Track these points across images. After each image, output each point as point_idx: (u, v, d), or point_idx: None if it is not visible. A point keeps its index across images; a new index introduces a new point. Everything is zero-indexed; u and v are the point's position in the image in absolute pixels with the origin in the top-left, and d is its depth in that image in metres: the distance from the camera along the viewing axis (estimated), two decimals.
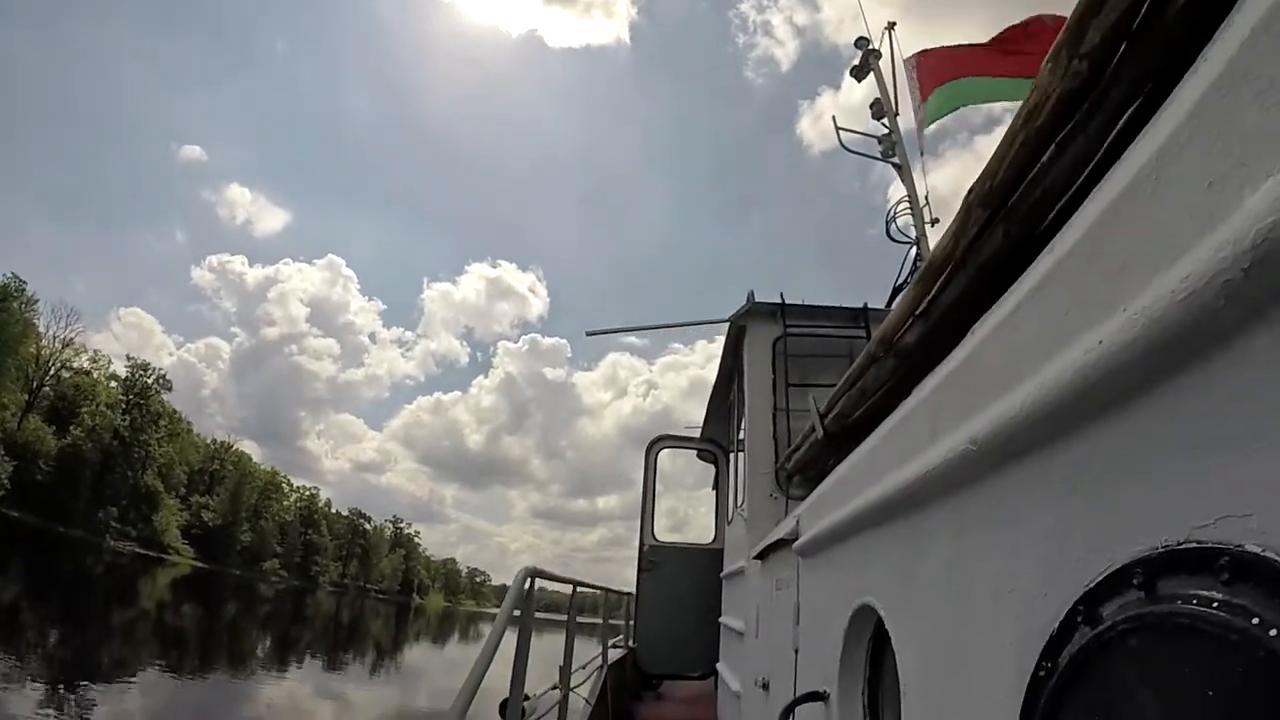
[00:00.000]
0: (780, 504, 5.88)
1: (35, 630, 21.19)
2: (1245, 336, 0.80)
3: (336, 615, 65.49)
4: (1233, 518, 0.81)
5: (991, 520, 1.43)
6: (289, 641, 36.49)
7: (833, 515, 2.63)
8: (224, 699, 17.43)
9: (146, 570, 58.94)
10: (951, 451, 1.53)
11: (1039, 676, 1.12)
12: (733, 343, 7.42)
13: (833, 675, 2.50)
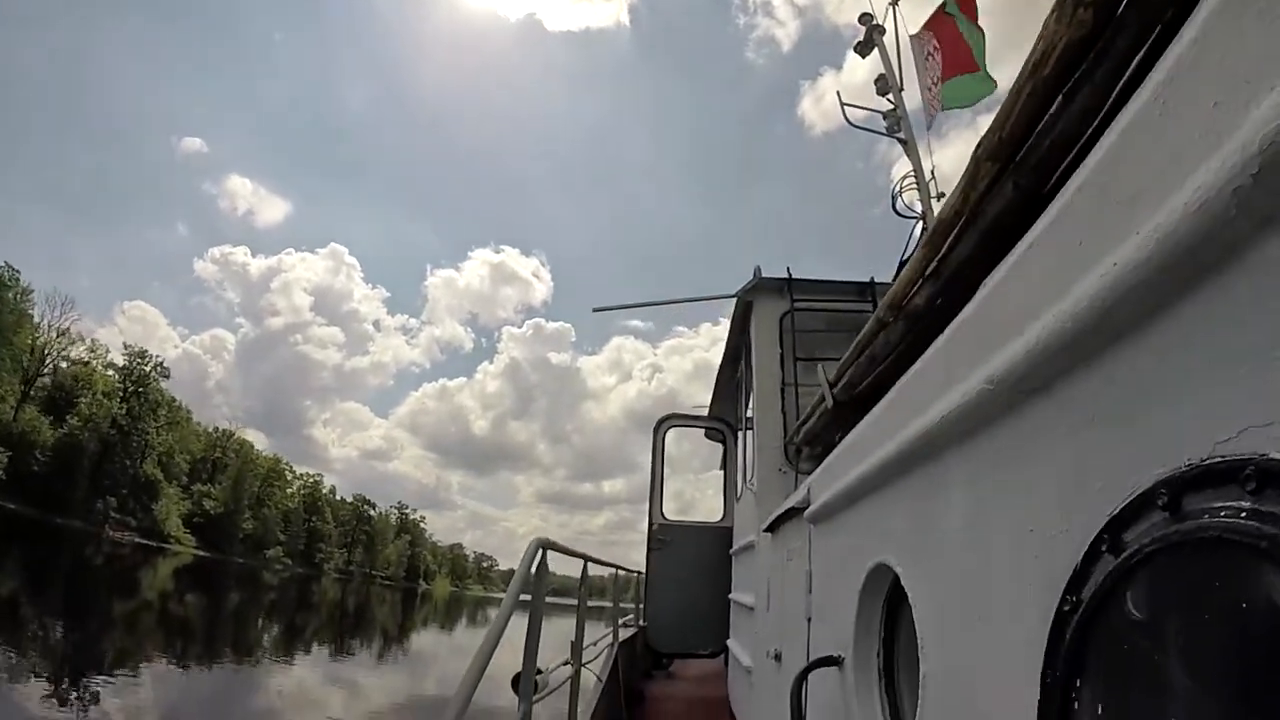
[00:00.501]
0: (789, 478, 5.94)
1: (36, 623, 21.18)
2: (1258, 246, 0.82)
3: (342, 602, 65.95)
4: (1256, 428, 0.82)
5: (1010, 460, 1.44)
6: (295, 629, 36.70)
7: (845, 478, 2.66)
8: (231, 689, 17.54)
9: (147, 560, 59.24)
10: (967, 394, 1.54)
11: (1063, 611, 1.13)
12: (740, 318, 7.47)
13: (847, 639, 2.53)
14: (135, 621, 26.15)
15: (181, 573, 54.93)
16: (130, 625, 24.96)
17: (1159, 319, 0.99)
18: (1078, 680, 1.08)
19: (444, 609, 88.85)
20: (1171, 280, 0.94)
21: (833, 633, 2.78)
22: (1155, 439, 0.99)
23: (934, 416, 1.75)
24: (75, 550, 50.41)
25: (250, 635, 30.67)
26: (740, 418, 9.21)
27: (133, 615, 27.73)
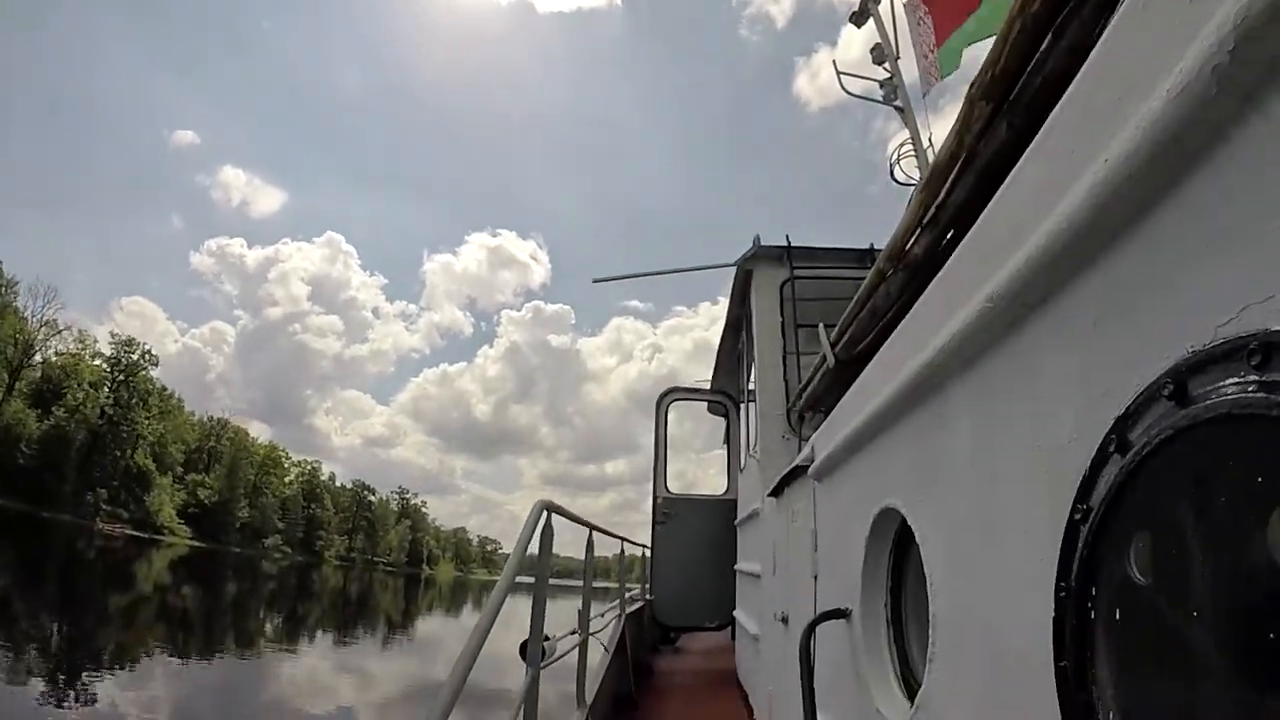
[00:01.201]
0: (793, 444, 6.02)
1: (28, 620, 21.03)
2: (1241, 125, 0.85)
3: (345, 589, 66.34)
4: (1255, 305, 0.84)
5: (1014, 380, 1.47)
6: (298, 618, 36.84)
7: (847, 428, 2.71)
8: (235, 680, 17.30)
9: (141, 552, 59.45)
10: (968, 319, 1.58)
11: (1074, 521, 1.15)
12: (740, 288, 7.54)
13: (855, 592, 2.59)
14: (132, 615, 26.03)
15: (177, 564, 55.04)
16: (127, 619, 24.79)
17: (1152, 212, 1.02)
18: (1093, 588, 1.10)
19: (449, 594, 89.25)
20: (1161, 170, 0.97)
21: (840, 588, 2.83)
22: (1157, 333, 1.01)
23: (935, 347, 1.78)
24: (66, 545, 50.52)
25: (252, 625, 30.69)
26: (742, 390, 9.30)
27: (129, 609, 27.59)
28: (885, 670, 2.38)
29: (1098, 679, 1.07)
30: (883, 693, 2.32)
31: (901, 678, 2.35)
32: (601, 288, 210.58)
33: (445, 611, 58.47)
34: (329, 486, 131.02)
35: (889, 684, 2.34)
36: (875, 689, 2.33)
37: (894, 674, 2.36)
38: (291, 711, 14.68)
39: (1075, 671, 1.12)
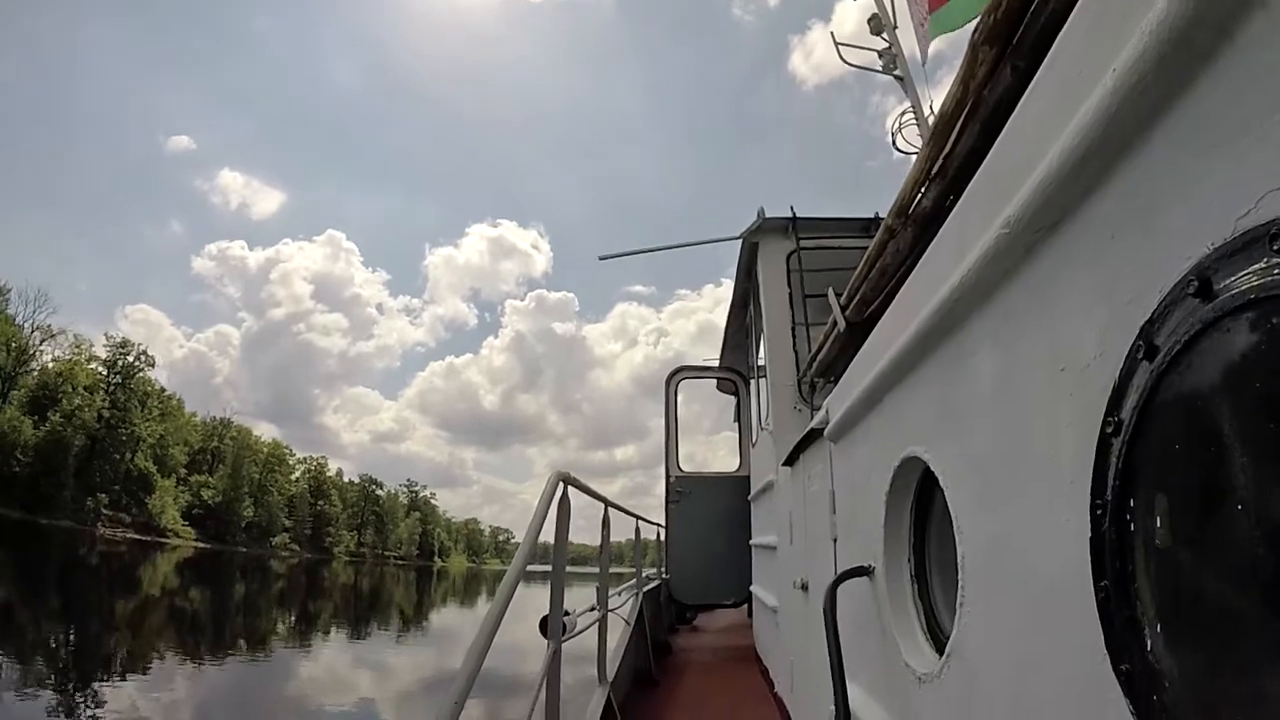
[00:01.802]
0: (805, 415, 6.10)
1: (32, 629, 20.98)
2: (1245, 22, 0.87)
3: (356, 584, 66.75)
4: (1274, 192, 0.84)
5: (1034, 304, 1.48)
6: (310, 615, 37.03)
7: (864, 383, 2.74)
8: (250, 680, 17.64)
9: (146, 556, 59.80)
10: (985, 250, 1.59)
11: (1106, 435, 1.16)
12: (746, 261, 7.63)
13: (877, 549, 2.62)
14: (140, 620, 25.94)
15: (183, 566, 55.43)
16: (135, 624, 24.69)
17: (1162, 117, 1.03)
18: (1130, 500, 1.10)
19: (462, 585, 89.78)
20: (1169, 74, 0.98)
21: (861, 547, 2.87)
22: (1176, 236, 1.02)
23: (952, 284, 1.79)
24: (67, 551, 50.96)
25: (263, 625, 30.71)
26: (751, 366, 9.40)
27: (136, 614, 27.64)
28: (911, 624, 2.40)
29: (1140, 594, 1.08)
30: (910, 646, 2.34)
31: (928, 631, 2.37)
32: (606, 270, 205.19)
33: (459, 602, 58.80)
34: (336, 482, 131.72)
35: (915, 638, 2.36)
36: (902, 643, 2.36)
37: (920, 628, 2.38)
38: (312, 707, 14.82)
39: (1117, 589, 1.13)
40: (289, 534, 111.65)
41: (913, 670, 2.21)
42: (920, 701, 2.15)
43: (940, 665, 1.98)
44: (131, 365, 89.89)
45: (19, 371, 78.15)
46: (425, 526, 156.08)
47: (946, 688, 1.96)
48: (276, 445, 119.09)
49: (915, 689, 2.18)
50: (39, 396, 78.92)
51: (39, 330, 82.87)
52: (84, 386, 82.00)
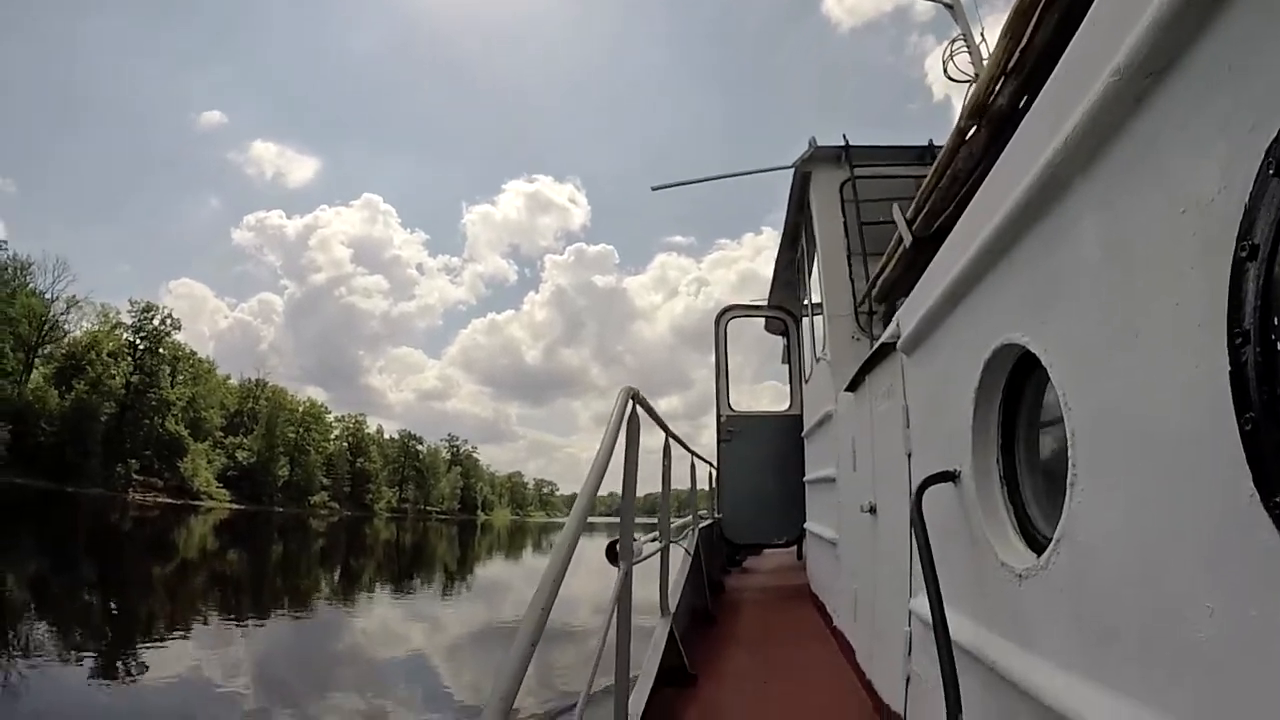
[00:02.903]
0: (863, 345, 6.17)
1: (68, 598, 20.60)
2: None
3: (398, 540, 66.82)
4: None
5: (1146, 152, 1.48)
6: (353, 572, 36.85)
7: (942, 285, 2.75)
8: (299, 638, 17.71)
9: (179, 519, 60.15)
10: (1089, 105, 1.58)
11: (1240, 259, 1.16)
12: (798, 192, 7.67)
13: (962, 452, 2.64)
14: (179, 583, 25.99)
15: (220, 528, 55.85)
16: (173, 588, 24.85)
17: None
18: (1275, 319, 1.10)
19: (507, 538, 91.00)
20: None
21: (941, 456, 2.88)
22: None
23: (1054, 147, 1.78)
24: (98, 518, 51.34)
25: (306, 583, 30.81)
26: (802, 304, 9.44)
27: (174, 577, 27.76)
28: (1004, 525, 2.41)
29: None
30: (1005, 547, 2.35)
31: (1020, 530, 2.39)
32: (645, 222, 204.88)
33: (504, 555, 59.68)
34: (375, 439, 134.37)
35: (1009, 538, 2.38)
36: (996, 544, 2.37)
37: (1013, 528, 2.39)
38: (364, 662, 15.18)
39: (1266, 416, 1.12)
40: (327, 492, 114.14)
41: (1011, 569, 2.22)
42: (1022, 599, 2.15)
43: (1047, 555, 1.98)
44: (157, 329, 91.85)
45: (41, 342, 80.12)
46: (467, 481, 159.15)
47: (1055, 578, 1.96)
48: (313, 404, 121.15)
49: (1015, 588, 2.19)
50: (66, 367, 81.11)
51: (63, 301, 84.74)
52: (108, 353, 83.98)
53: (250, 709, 10.75)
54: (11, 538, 33.39)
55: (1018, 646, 2.18)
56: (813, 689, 5.14)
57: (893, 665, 3.79)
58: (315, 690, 11.97)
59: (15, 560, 26.05)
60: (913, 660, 3.39)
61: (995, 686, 2.26)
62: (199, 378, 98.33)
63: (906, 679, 3.46)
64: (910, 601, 3.40)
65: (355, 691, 12.22)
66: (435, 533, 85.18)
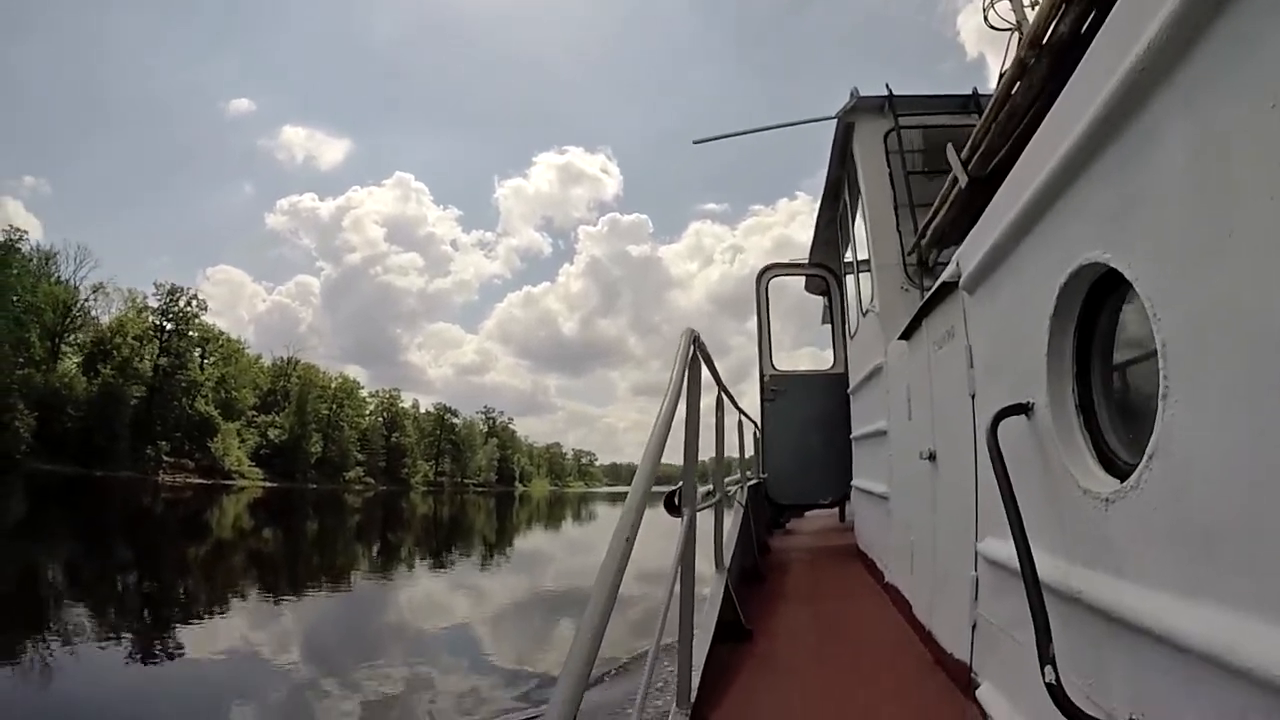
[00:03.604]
0: (912, 295, 6.18)
1: (104, 581, 20.36)
2: None
3: (435, 513, 67.00)
4: None
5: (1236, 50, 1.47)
6: (391, 546, 37.74)
7: (1010, 215, 2.79)
8: (343, 612, 18.07)
9: (212, 499, 60.61)
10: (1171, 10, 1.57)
11: None
12: (840, 145, 7.71)
13: (1035, 383, 2.64)
14: (215, 562, 26.18)
15: (254, 506, 56.52)
16: (210, 567, 24.88)
17: None
18: None
19: (546, 508, 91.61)
20: None
21: (1011, 390, 2.88)
22: None
23: (1131, 59, 1.78)
24: (129, 502, 51.59)
25: (344, 558, 31.04)
26: (843, 261, 9.48)
27: (210, 556, 27.82)
28: (1082, 453, 2.40)
29: None
30: (1086, 473, 2.34)
31: (1099, 457, 2.37)
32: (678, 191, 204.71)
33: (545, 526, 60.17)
34: (409, 413, 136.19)
35: (1088, 465, 2.36)
36: (1076, 472, 2.36)
37: (1091, 455, 2.38)
38: (411, 633, 15.41)
39: None
40: (362, 467, 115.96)
41: (1095, 495, 2.21)
42: (1109, 524, 2.15)
43: (1138, 474, 1.97)
44: (184, 311, 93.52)
45: (66, 329, 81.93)
46: (504, 453, 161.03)
47: (1148, 496, 1.94)
48: (345, 380, 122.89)
49: (1100, 514, 2.18)
50: (94, 353, 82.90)
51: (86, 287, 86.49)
52: (134, 336, 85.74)
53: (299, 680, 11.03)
54: (42, 523, 33.70)
55: (1105, 573, 2.17)
56: (868, 643, 5.16)
57: (956, 613, 3.82)
58: (361, 661, 12.16)
59: (48, 545, 26.31)
60: (979, 605, 3.41)
61: (1081, 617, 2.26)
62: (229, 358, 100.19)
63: (973, 625, 3.48)
64: (978, 544, 3.40)
65: (401, 662, 12.46)
66: (473, 505, 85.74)
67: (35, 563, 21.59)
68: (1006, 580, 2.95)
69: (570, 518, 71.40)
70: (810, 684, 4.16)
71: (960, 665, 3.74)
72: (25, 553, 22.98)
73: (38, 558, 22.51)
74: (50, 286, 79.38)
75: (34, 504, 40.95)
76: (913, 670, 4.32)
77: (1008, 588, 2.93)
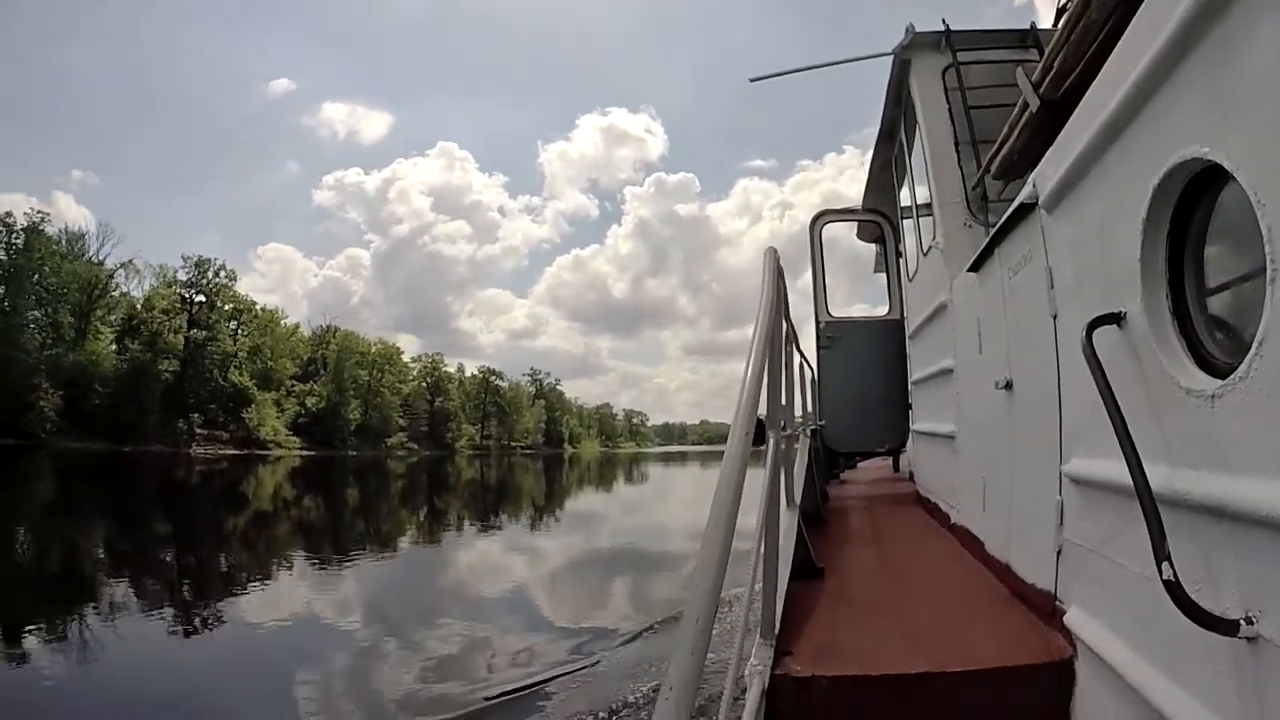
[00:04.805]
0: (977, 232, 6.20)
1: (142, 556, 20.31)
2: None
3: (482, 476, 68.97)
4: None
5: None
6: (438, 510, 38.07)
7: (1093, 126, 2.81)
8: (396, 577, 18.48)
9: (248, 470, 61.19)
10: None
11: None
12: (896, 83, 7.73)
13: (1126, 292, 2.64)
14: (256, 532, 26.15)
15: (293, 475, 57.47)
16: (251, 537, 24.94)
17: None
18: None
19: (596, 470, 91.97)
20: None
21: (1095, 306, 2.87)
22: None
23: None
24: (162, 476, 51.73)
25: (389, 524, 31.14)
26: (899, 206, 9.50)
27: (251, 526, 27.75)
28: (1180, 355, 2.41)
29: None
30: (1184, 374, 2.34)
31: (1196, 359, 2.38)
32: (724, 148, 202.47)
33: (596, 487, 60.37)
34: (454, 378, 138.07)
35: (1187, 366, 2.37)
36: (1175, 373, 2.36)
37: (1189, 356, 2.39)
38: (469, 595, 15.61)
39: None
40: (405, 433, 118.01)
41: (1201, 393, 2.22)
42: (1216, 420, 2.14)
43: (1248, 364, 1.97)
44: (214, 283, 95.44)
45: (93, 306, 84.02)
46: (552, 414, 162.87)
47: (1260, 382, 1.93)
48: (385, 345, 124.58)
49: (1207, 411, 2.18)
50: (124, 330, 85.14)
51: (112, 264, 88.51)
52: (161, 310, 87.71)
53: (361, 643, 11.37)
54: (73, 501, 33.33)
55: (1213, 472, 2.17)
56: (941, 580, 5.24)
57: (1039, 541, 3.87)
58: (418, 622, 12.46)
59: (81, 522, 26.26)
60: (1065, 529, 3.46)
61: (1188, 520, 2.25)
62: (264, 328, 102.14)
63: (1057, 551, 3.55)
64: (1063, 467, 3.42)
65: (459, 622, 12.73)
66: (520, 467, 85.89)
67: (71, 540, 21.77)
68: (1096, 497, 3.01)
69: (622, 479, 71.88)
70: (887, 619, 4.21)
71: (1043, 594, 3.80)
72: (60, 531, 23.20)
73: (73, 535, 22.67)
74: (73, 266, 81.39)
75: (63, 482, 41.43)
76: (991, 604, 4.36)
77: (1098, 504, 2.99)
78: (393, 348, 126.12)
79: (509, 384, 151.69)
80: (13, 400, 67.57)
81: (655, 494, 51.83)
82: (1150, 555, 2.09)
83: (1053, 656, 3.29)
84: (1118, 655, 2.69)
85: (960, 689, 3.16)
